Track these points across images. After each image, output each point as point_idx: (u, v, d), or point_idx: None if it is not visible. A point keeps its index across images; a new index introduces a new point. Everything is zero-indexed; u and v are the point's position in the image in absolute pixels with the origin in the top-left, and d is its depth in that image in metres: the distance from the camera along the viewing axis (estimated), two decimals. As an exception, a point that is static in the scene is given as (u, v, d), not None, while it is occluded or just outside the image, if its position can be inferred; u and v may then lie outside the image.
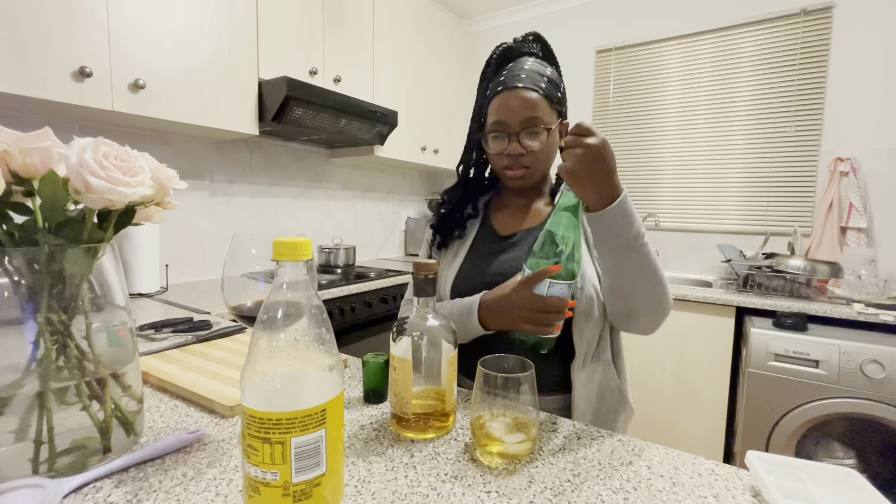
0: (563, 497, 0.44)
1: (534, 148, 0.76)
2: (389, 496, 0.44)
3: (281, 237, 0.39)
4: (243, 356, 0.79)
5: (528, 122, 0.75)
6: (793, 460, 0.48)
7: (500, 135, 0.78)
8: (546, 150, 0.78)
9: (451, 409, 0.56)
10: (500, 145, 0.79)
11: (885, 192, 1.90)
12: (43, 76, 1.12)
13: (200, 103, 1.46)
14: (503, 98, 0.76)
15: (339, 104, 1.78)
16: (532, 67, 0.77)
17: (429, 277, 0.55)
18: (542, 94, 0.75)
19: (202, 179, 1.81)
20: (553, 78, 0.79)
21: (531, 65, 0.78)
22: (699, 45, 2.26)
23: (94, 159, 0.43)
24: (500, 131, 0.78)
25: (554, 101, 0.77)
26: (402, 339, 0.54)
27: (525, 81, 0.75)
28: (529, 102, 0.75)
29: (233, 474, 0.47)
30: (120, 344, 0.51)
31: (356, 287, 1.78)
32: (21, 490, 0.40)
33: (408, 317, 0.56)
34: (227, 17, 1.52)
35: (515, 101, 0.75)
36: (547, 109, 0.76)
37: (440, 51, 2.65)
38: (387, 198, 2.80)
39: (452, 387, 0.56)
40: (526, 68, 0.77)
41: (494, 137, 0.79)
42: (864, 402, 1.37)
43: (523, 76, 0.76)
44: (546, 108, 0.76)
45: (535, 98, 0.75)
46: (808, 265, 1.69)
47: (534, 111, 0.75)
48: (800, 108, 2.04)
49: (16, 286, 0.44)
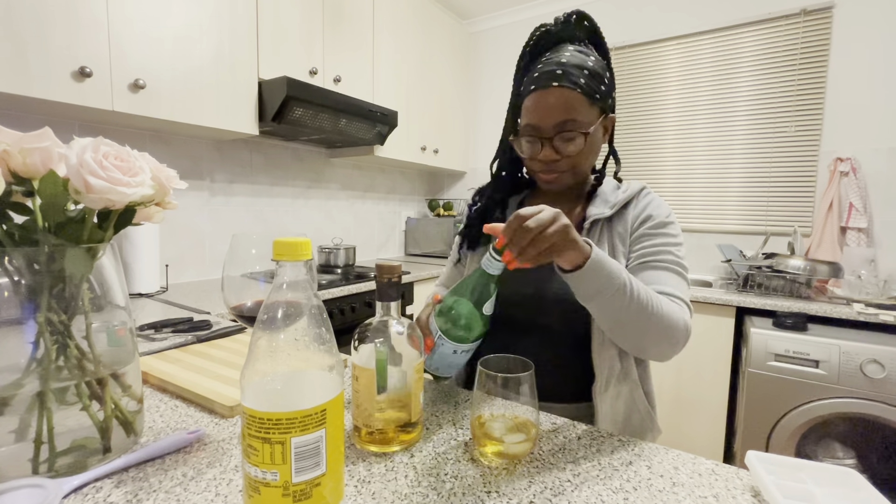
0: (563, 497, 0.44)
1: (569, 153, 0.70)
2: (389, 496, 0.44)
3: (281, 237, 0.39)
4: (243, 356, 0.79)
5: (564, 125, 0.68)
6: (793, 460, 0.48)
7: (534, 139, 0.71)
8: (584, 153, 0.71)
9: (417, 418, 0.54)
10: (533, 150, 0.72)
11: (885, 192, 1.90)
12: (43, 76, 1.12)
13: (200, 103, 1.46)
14: (536, 98, 0.69)
15: (339, 104, 1.78)
16: (571, 59, 0.68)
17: (392, 281, 0.52)
18: (580, 92, 0.67)
19: (202, 179, 1.81)
20: (595, 69, 0.69)
21: (570, 55, 0.69)
22: (699, 45, 2.26)
23: (94, 159, 0.43)
24: (533, 135, 0.71)
25: (596, 98, 0.69)
26: (364, 346, 0.51)
27: (561, 78, 0.67)
28: (565, 103, 0.67)
29: (233, 474, 0.47)
30: (120, 344, 0.51)
31: (356, 287, 1.78)
32: (21, 490, 0.40)
33: (370, 323, 0.52)
34: (227, 17, 1.52)
35: (549, 102, 0.68)
36: (586, 108, 0.68)
37: (440, 51, 2.65)
38: (387, 198, 2.80)
39: (418, 396, 0.54)
40: (563, 61, 0.68)
41: (528, 141, 0.72)
42: (864, 402, 1.37)
43: (559, 72, 0.67)
44: (585, 107, 0.68)
45: (572, 97, 0.67)
46: (808, 265, 1.69)
47: (570, 113, 0.68)
48: (800, 108, 2.04)
49: (16, 286, 0.44)
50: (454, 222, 2.69)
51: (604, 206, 0.77)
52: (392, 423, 0.52)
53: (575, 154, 0.70)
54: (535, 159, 0.73)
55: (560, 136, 0.69)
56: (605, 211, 0.75)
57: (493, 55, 2.95)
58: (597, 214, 0.75)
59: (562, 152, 0.70)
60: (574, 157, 0.71)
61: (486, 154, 3.01)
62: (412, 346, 0.53)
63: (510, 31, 2.87)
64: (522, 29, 2.81)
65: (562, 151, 0.70)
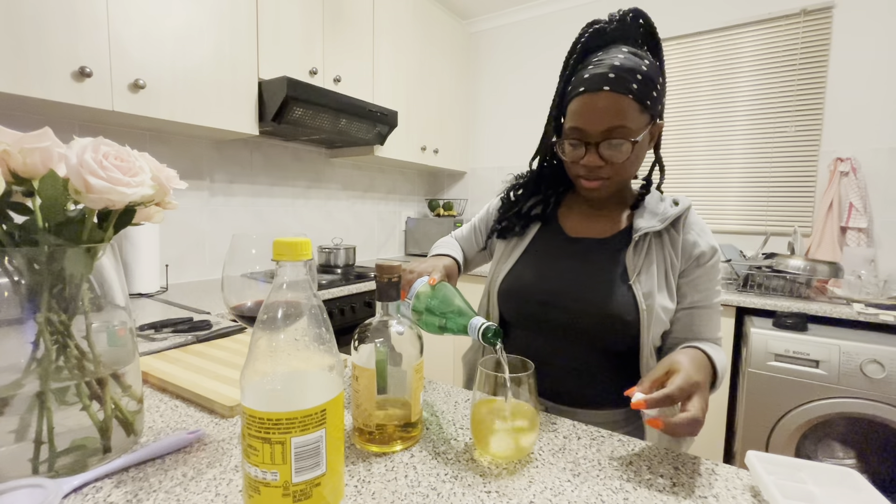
0: (563, 497, 0.44)
1: (616, 161, 0.66)
2: (389, 496, 0.44)
3: (281, 237, 0.39)
4: (243, 356, 0.79)
5: (611, 132, 0.65)
6: (793, 460, 0.48)
7: (578, 143, 0.68)
8: (630, 161, 0.68)
9: (417, 419, 0.54)
10: (576, 154, 0.69)
11: (885, 192, 1.90)
12: (43, 76, 1.12)
13: (200, 103, 1.46)
14: (584, 101, 0.65)
15: (339, 104, 1.78)
16: (625, 62, 0.64)
17: (392, 281, 0.52)
18: (632, 98, 0.63)
19: (202, 179, 1.81)
20: (649, 73, 0.65)
21: (623, 58, 0.64)
22: (699, 45, 2.26)
23: (94, 159, 0.43)
24: (578, 139, 0.68)
25: (647, 105, 0.65)
26: (364, 346, 0.51)
27: (612, 83, 0.63)
28: (614, 109, 0.64)
29: (233, 474, 0.47)
30: (120, 344, 0.51)
31: (356, 287, 1.78)
32: (21, 490, 0.40)
33: (370, 323, 0.52)
34: (227, 17, 1.52)
35: (598, 107, 0.64)
36: (636, 116, 0.65)
37: (440, 51, 2.65)
38: (387, 198, 2.80)
39: (418, 396, 0.53)
40: (616, 64, 0.64)
41: (571, 144, 0.69)
42: (864, 402, 1.37)
43: (611, 76, 0.63)
44: (635, 115, 0.65)
45: (623, 103, 0.63)
46: (808, 265, 1.69)
47: (619, 119, 0.64)
48: (800, 108, 2.04)
49: (16, 286, 0.44)
50: (454, 222, 2.69)
51: (652, 218, 0.74)
52: (392, 423, 0.52)
53: (621, 162, 0.67)
54: (578, 164, 0.70)
55: (607, 142, 0.66)
56: (656, 224, 0.73)
57: (493, 55, 2.95)
58: (647, 228, 0.72)
59: (607, 159, 0.67)
60: (619, 166, 0.68)
61: (486, 154, 3.01)
62: (411, 346, 0.53)
63: (510, 31, 2.87)
64: (522, 29, 2.81)
65: (607, 158, 0.67)
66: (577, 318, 0.72)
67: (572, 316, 0.73)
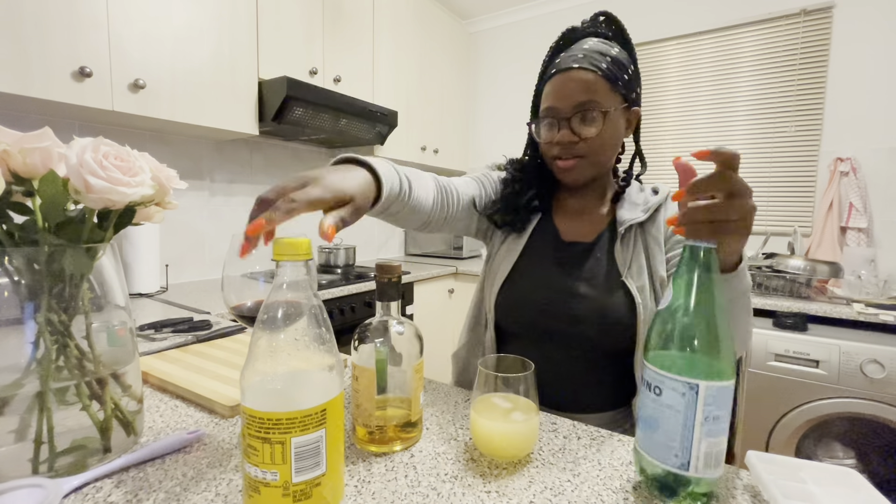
0: (563, 497, 0.44)
1: (588, 135, 0.67)
2: (389, 496, 0.44)
3: (280, 237, 0.39)
4: (243, 356, 0.79)
5: (582, 105, 0.67)
6: (793, 460, 0.48)
7: (552, 121, 0.70)
8: (603, 138, 0.68)
9: (417, 418, 0.54)
10: (551, 133, 0.71)
11: (885, 192, 1.90)
12: (43, 76, 1.12)
13: (200, 103, 1.46)
14: (556, 81, 0.69)
15: (339, 104, 1.78)
16: (593, 46, 0.68)
17: (392, 281, 0.52)
18: (600, 75, 0.66)
19: (202, 179, 1.81)
20: (618, 58, 0.68)
21: (592, 44, 0.69)
22: (699, 45, 2.26)
23: (94, 159, 0.43)
24: (552, 117, 0.70)
25: (618, 84, 0.67)
26: (364, 346, 0.51)
27: (581, 61, 0.67)
28: (584, 83, 0.66)
29: (233, 474, 0.47)
30: (120, 344, 0.51)
31: (356, 287, 1.78)
32: (21, 490, 0.40)
33: (370, 323, 0.52)
34: (227, 17, 1.52)
35: (568, 83, 0.67)
36: (607, 92, 0.67)
37: (440, 51, 2.65)
38: (387, 198, 2.80)
39: (418, 396, 0.53)
40: (585, 48, 0.68)
41: (546, 125, 0.71)
42: (864, 402, 1.37)
43: (580, 55, 0.67)
44: (606, 91, 0.67)
45: (592, 78, 0.66)
46: (808, 265, 1.69)
47: (589, 94, 0.66)
48: (800, 108, 2.04)
49: (16, 286, 0.44)
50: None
51: (634, 209, 0.74)
52: (392, 422, 0.52)
53: (593, 137, 0.68)
54: (553, 143, 0.71)
55: (578, 115, 0.67)
56: (639, 215, 0.73)
57: (493, 55, 2.95)
58: (631, 219, 0.72)
59: (580, 134, 0.68)
60: (592, 142, 0.68)
61: (486, 154, 3.01)
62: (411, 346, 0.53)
63: (510, 31, 2.87)
64: (522, 29, 2.81)
65: (580, 133, 0.68)
66: (574, 326, 0.72)
67: (570, 324, 0.72)
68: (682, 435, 0.41)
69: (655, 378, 0.42)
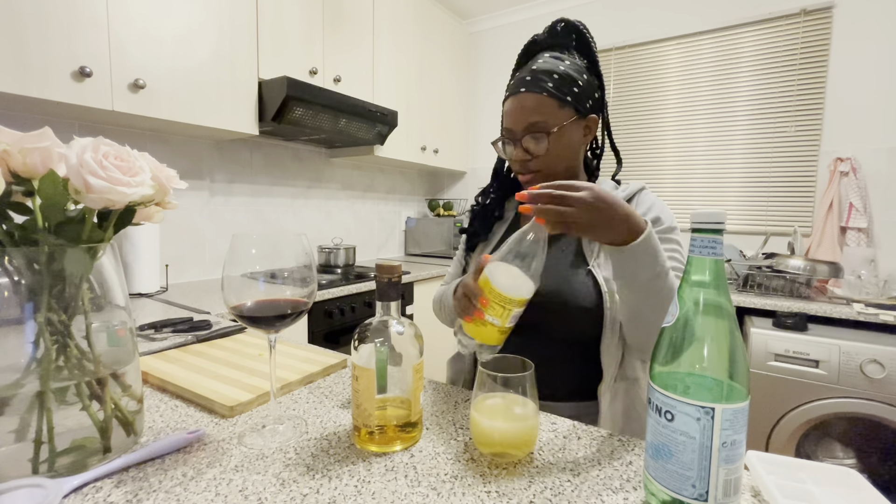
0: (563, 497, 0.44)
1: (538, 153, 0.73)
2: (389, 496, 0.44)
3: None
4: (243, 356, 0.79)
5: (530, 127, 0.73)
6: (793, 460, 0.48)
7: (509, 141, 0.77)
8: (555, 151, 0.74)
9: (417, 418, 0.54)
10: (508, 151, 0.78)
11: (885, 192, 1.90)
12: (43, 76, 1.12)
13: (200, 103, 1.46)
14: (509, 103, 0.76)
15: (339, 104, 1.78)
16: (542, 66, 0.73)
17: (392, 281, 0.52)
18: (546, 95, 0.72)
19: (202, 179, 1.81)
20: (567, 72, 0.73)
21: (542, 62, 0.74)
22: (699, 45, 2.26)
23: (94, 159, 0.43)
24: (508, 137, 0.77)
25: (566, 100, 0.72)
26: (364, 346, 0.51)
27: (528, 84, 0.73)
28: (529, 107, 0.72)
29: (233, 474, 0.47)
30: (120, 344, 0.51)
31: (356, 287, 1.78)
32: (21, 490, 0.40)
33: (370, 323, 0.52)
34: (227, 17, 1.52)
35: (517, 107, 0.74)
36: (554, 110, 0.72)
37: (440, 51, 2.65)
38: (387, 198, 2.80)
39: (418, 396, 0.54)
40: (534, 68, 0.74)
41: (505, 143, 0.78)
42: (864, 402, 1.37)
43: (528, 78, 0.73)
44: (552, 109, 0.72)
45: (537, 101, 0.72)
46: (808, 265, 1.69)
47: (535, 115, 0.72)
48: (800, 108, 2.04)
49: (16, 286, 0.44)
50: (454, 222, 2.69)
51: None
52: (392, 422, 0.52)
53: (542, 153, 0.73)
54: (511, 160, 0.78)
55: (527, 136, 0.73)
56: None
57: (493, 55, 2.95)
58: None
59: (531, 152, 0.74)
60: (544, 157, 0.74)
61: (486, 154, 3.01)
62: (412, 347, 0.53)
63: (510, 31, 2.87)
64: (522, 29, 2.81)
65: (530, 151, 0.74)
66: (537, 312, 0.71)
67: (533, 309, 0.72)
68: (699, 464, 0.38)
69: (665, 402, 0.40)
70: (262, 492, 0.44)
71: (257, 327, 0.53)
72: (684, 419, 0.39)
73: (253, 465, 0.48)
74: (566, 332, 0.74)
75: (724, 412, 0.38)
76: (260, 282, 0.52)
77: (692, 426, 0.38)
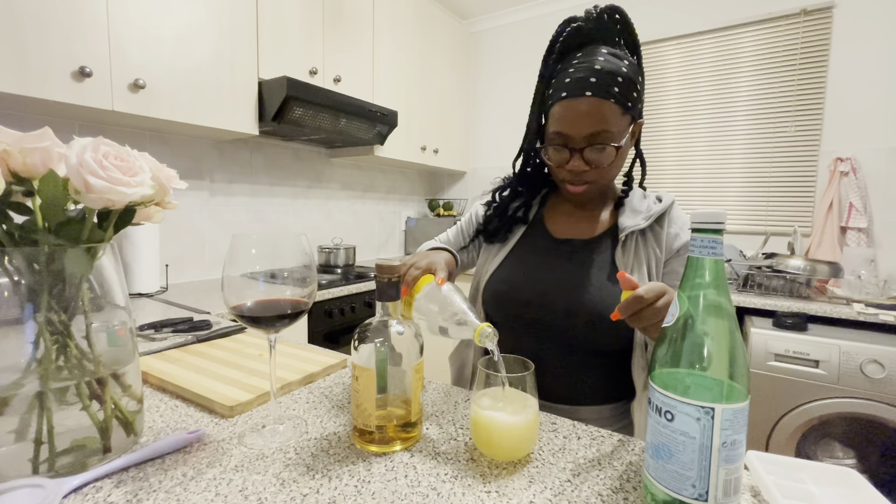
0: (563, 497, 0.44)
1: (601, 165, 0.67)
2: (389, 496, 0.44)
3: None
4: (243, 356, 0.79)
5: (595, 136, 0.65)
6: (793, 460, 0.48)
7: (562, 147, 0.68)
8: (617, 163, 0.69)
9: (417, 418, 0.54)
10: (561, 158, 0.69)
11: (885, 192, 1.90)
12: (43, 76, 1.12)
13: (200, 103, 1.46)
14: (567, 106, 0.66)
15: (339, 104, 1.78)
16: (605, 65, 0.64)
17: (392, 281, 0.52)
18: (614, 102, 0.64)
19: (202, 179, 1.81)
20: (629, 75, 0.65)
21: (604, 61, 0.65)
22: (699, 45, 2.26)
23: (94, 159, 0.43)
24: (562, 144, 0.68)
25: (628, 107, 0.66)
26: (364, 346, 0.51)
27: (594, 88, 0.63)
28: (597, 114, 0.64)
29: (233, 474, 0.47)
30: (120, 344, 0.51)
31: (356, 287, 1.78)
32: (21, 490, 0.40)
33: (370, 323, 0.52)
34: (227, 17, 1.52)
35: (581, 112, 0.65)
36: (618, 119, 0.65)
37: (440, 51, 2.65)
38: (387, 198, 2.80)
39: (418, 396, 0.53)
40: (597, 68, 0.64)
41: (556, 149, 0.69)
42: (864, 402, 1.37)
43: (593, 80, 0.64)
44: (618, 118, 0.65)
45: (605, 108, 0.64)
46: (808, 265, 1.69)
47: (602, 124, 0.64)
48: (800, 108, 2.04)
49: (16, 286, 0.44)
50: (454, 222, 2.69)
51: (636, 216, 0.74)
52: (392, 422, 0.52)
53: (605, 166, 0.68)
54: (563, 168, 0.70)
55: (591, 147, 0.66)
56: (640, 223, 0.73)
57: (493, 55, 2.95)
58: (632, 226, 0.73)
59: (591, 163, 0.68)
60: (603, 170, 0.69)
61: (486, 154, 3.01)
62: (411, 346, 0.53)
63: (510, 31, 2.87)
64: (523, 29, 2.81)
65: (591, 162, 0.67)
66: (564, 319, 0.72)
67: (559, 316, 0.72)
68: (699, 464, 0.38)
69: (665, 402, 0.40)
70: (262, 492, 0.44)
71: (257, 327, 0.53)
72: (684, 419, 0.39)
73: (253, 465, 0.49)
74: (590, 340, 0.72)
75: (724, 412, 0.38)
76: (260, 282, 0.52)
77: (692, 426, 0.38)
